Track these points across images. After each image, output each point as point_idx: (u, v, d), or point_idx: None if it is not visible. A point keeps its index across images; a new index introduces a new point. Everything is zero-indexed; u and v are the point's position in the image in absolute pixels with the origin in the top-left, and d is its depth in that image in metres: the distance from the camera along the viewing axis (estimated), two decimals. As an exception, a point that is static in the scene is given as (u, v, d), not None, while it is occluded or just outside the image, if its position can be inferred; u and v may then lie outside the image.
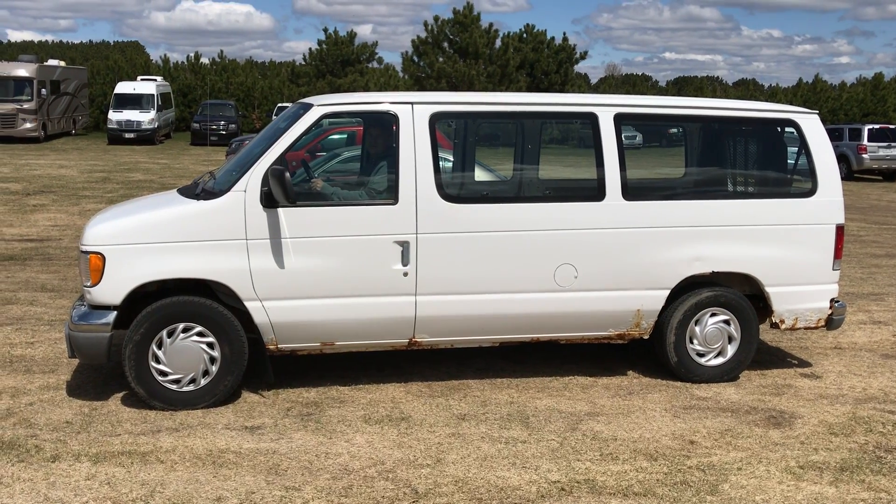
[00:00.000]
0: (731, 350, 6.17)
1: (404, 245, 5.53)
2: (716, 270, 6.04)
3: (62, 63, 36.86)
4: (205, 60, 45.90)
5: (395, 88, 39.16)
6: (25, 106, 30.86)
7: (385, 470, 4.60)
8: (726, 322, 6.13)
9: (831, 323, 6.34)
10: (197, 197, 5.50)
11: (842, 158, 25.76)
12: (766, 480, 4.58)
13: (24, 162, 23.43)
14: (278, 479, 4.46)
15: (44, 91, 31.64)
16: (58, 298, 8.32)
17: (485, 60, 36.82)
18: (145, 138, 33.00)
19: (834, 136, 26.42)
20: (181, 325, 5.35)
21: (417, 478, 4.51)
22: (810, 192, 6.19)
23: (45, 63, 34.46)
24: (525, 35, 40.65)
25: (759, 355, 6.66)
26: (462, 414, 5.46)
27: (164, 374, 5.35)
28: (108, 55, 53.27)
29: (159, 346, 5.33)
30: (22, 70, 31.36)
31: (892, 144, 26.27)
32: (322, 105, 5.65)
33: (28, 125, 30.89)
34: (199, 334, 5.38)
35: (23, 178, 19.20)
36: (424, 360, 6.50)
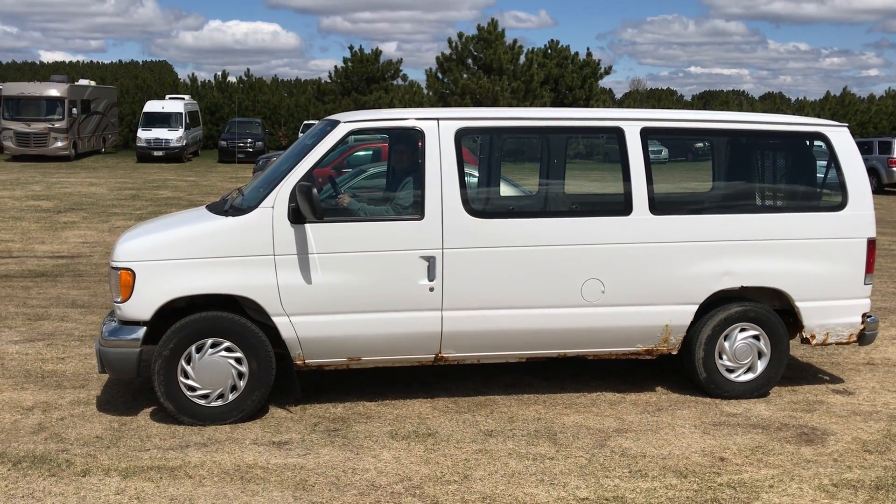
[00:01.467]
0: (760, 366, 6.09)
1: (430, 260, 5.54)
2: (745, 285, 5.97)
3: (92, 83, 37.54)
4: (232, 79, 46.51)
5: (420, 105, 39.35)
6: (57, 125, 31.42)
7: (412, 486, 4.58)
8: (756, 337, 6.06)
9: (863, 338, 6.24)
10: (225, 213, 5.55)
11: (872, 172, 25.42)
12: (798, 498, 4.51)
13: (56, 180, 23.81)
14: (306, 494, 4.46)
15: (75, 110, 32.19)
16: (88, 314, 8.42)
17: (509, 76, 36.88)
18: (174, 156, 33.42)
19: (864, 149, 26.11)
20: (210, 341, 5.38)
21: (445, 494, 4.49)
22: (840, 206, 6.12)
23: (76, 83, 35.09)
24: (549, 51, 40.70)
25: (789, 371, 6.57)
26: (489, 430, 5.43)
27: (192, 389, 5.39)
28: (138, 74, 54.12)
29: (188, 362, 5.38)
30: (53, 90, 31.95)
31: (923, 157, 25.90)
32: (349, 122, 5.69)
33: (59, 144, 31.42)
34: (228, 350, 5.41)
35: (54, 196, 19.50)
36: (451, 375, 6.49)
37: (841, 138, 6.22)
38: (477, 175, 6.76)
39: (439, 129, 5.65)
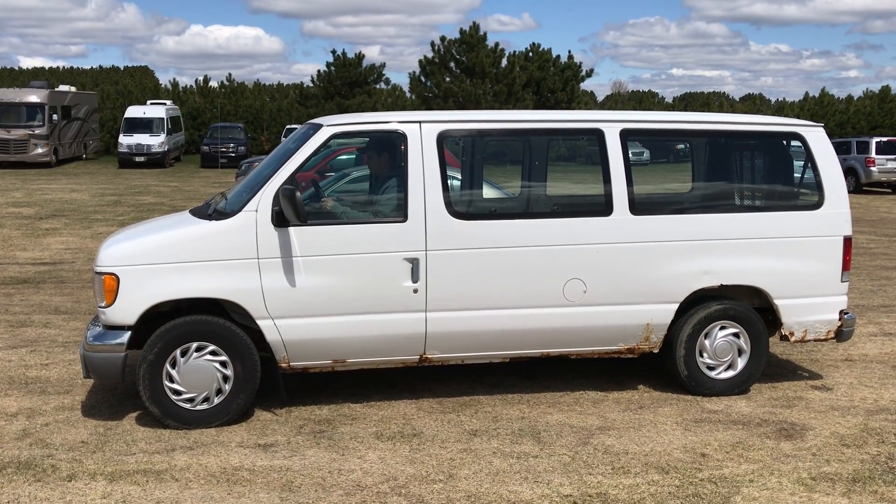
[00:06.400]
0: (741, 363, 6.18)
1: (414, 262, 5.58)
2: (724, 283, 6.06)
3: (73, 88, 37.28)
4: (214, 84, 46.36)
5: (403, 108, 39.40)
6: (37, 131, 31.21)
7: (398, 486, 4.62)
8: (736, 335, 6.15)
9: (841, 335, 6.34)
10: (209, 217, 5.58)
11: (850, 171, 25.71)
12: (778, 492, 4.58)
13: (37, 186, 23.66)
14: (292, 496, 4.49)
15: (55, 116, 31.99)
16: (71, 320, 8.40)
17: (491, 79, 36.99)
18: (155, 162, 33.28)
19: (842, 149, 26.40)
20: (194, 345, 5.40)
21: (430, 493, 4.53)
22: (817, 205, 6.22)
23: (56, 89, 34.85)
24: (531, 54, 40.87)
25: (769, 368, 6.67)
26: (474, 429, 5.48)
27: (177, 393, 5.41)
28: (119, 80, 53.82)
29: (173, 366, 5.39)
30: (33, 96, 31.74)
31: (901, 157, 26.24)
32: (331, 125, 5.73)
33: (40, 150, 31.22)
34: (213, 353, 5.43)
35: (35, 203, 19.38)
36: (435, 376, 6.53)
37: (817, 138, 6.32)
38: (459, 177, 6.81)
39: (421, 132, 5.70)
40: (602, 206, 5.91)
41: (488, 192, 7.31)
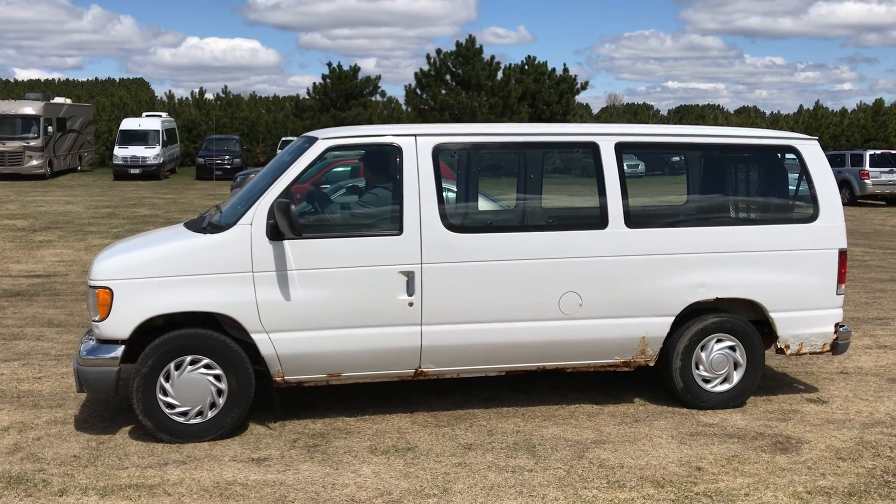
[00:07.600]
0: (736, 376, 6.17)
1: (409, 275, 5.57)
2: (719, 296, 6.06)
3: (68, 101, 37.31)
4: (209, 96, 46.42)
5: (399, 121, 39.48)
6: (32, 143, 31.20)
7: (392, 500, 4.59)
8: (731, 348, 6.14)
9: (836, 347, 6.34)
10: (203, 231, 5.56)
11: (844, 184, 25.80)
12: (774, 506, 4.56)
13: (31, 198, 23.61)
14: (286, 510, 4.46)
15: (50, 128, 31.99)
16: (64, 333, 8.36)
17: (487, 92, 37.11)
18: (150, 174, 33.28)
19: (836, 161, 26.50)
20: (188, 358, 5.38)
21: (425, 508, 4.50)
22: (812, 218, 6.23)
23: (52, 101, 34.86)
24: (526, 66, 41.02)
25: (764, 381, 6.66)
26: (468, 443, 5.46)
27: (171, 406, 5.37)
28: (114, 92, 53.89)
29: (167, 379, 5.36)
30: (28, 108, 31.74)
31: (895, 169, 26.35)
32: (327, 138, 5.73)
33: (34, 162, 31.19)
34: (207, 367, 5.40)
35: (29, 215, 19.34)
36: (430, 390, 6.51)
37: (811, 151, 6.34)
38: (455, 190, 6.82)
39: (417, 145, 5.70)
40: (597, 219, 5.91)
41: (484, 205, 7.30)
